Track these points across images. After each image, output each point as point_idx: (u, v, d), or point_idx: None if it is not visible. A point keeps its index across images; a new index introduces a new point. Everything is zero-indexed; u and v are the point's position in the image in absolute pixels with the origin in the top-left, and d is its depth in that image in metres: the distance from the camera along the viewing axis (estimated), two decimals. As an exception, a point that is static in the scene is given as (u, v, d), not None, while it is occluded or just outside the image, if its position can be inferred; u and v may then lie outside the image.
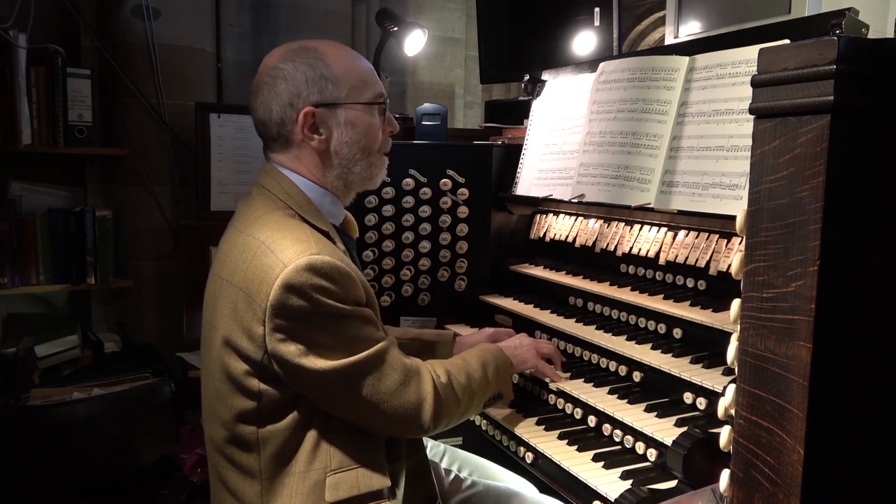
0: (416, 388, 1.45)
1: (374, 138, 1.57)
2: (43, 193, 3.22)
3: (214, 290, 1.47)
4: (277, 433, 1.41)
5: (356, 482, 1.41)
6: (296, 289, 1.32)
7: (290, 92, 1.47)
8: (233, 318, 1.39)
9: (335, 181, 1.55)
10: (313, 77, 1.48)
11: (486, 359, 1.65)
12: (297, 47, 1.51)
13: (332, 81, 1.49)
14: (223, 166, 3.31)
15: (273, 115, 1.49)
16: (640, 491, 1.37)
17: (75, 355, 3.10)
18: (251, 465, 1.43)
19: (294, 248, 1.35)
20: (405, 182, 2.32)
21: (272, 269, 1.33)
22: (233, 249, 1.44)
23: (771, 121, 0.83)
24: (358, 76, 1.53)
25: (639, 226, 1.92)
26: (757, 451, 0.85)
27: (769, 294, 0.83)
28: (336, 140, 1.52)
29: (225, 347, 1.41)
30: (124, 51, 3.30)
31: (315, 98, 1.48)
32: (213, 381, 1.47)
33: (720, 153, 1.64)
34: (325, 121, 1.50)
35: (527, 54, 3.14)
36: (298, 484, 1.40)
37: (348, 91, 1.51)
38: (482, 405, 1.64)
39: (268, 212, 1.46)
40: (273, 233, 1.39)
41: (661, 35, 3.46)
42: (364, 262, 2.32)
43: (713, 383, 1.46)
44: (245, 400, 1.41)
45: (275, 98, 1.48)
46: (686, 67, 1.79)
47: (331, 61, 1.50)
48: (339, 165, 1.54)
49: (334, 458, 1.41)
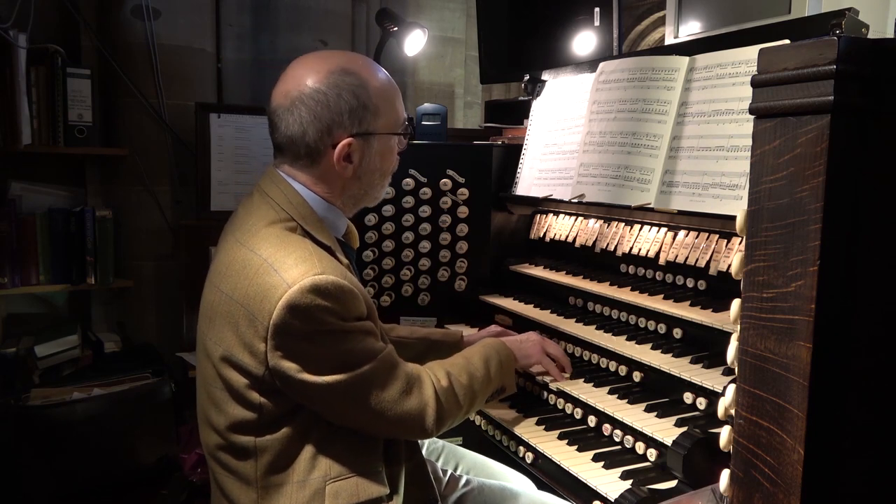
0: (419, 395, 1.46)
1: (393, 161, 1.60)
2: (43, 193, 3.22)
3: (213, 301, 1.45)
4: (275, 442, 1.41)
5: (356, 490, 1.42)
6: (300, 310, 1.31)
7: (333, 120, 1.45)
8: (233, 332, 1.38)
9: (347, 200, 1.56)
10: (356, 107, 1.46)
11: (488, 355, 1.66)
12: (340, 69, 1.46)
13: (373, 112, 1.48)
14: (223, 166, 3.30)
15: (308, 138, 1.46)
16: (640, 491, 1.37)
17: (75, 355, 3.09)
18: (247, 473, 1.43)
19: (298, 269, 1.33)
20: (405, 182, 2.32)
21: (275, 289, 1.32)
22: (233, 263, 1.41)
23: (771, 121, 0.83)
24: (393, 106, 1.54)
25: (639, 226, 1.92)
26: (757, 451, 0.85)
27: (769, 294, 0.83)
28: (364, 167, 1.52)
29: (224, 362, 1.40)
30: (124, 51, 3.29)
31: (355, 129, 1.47)
32: (209, 389, 1.47)
33: (720, 153, 1.64)
34: (360, 149, 1.50)
35: (527, 54, 3.14)
36: (297, 493, 1.40)
37: (384, 122, 1.51)
38: (485, 401, 1.65)
39: (269, 223, 1.44)
40: (276, 250, 1.37)
41: (661, 35, 3.45)
42: (364, 262, 2.32)
43: (713, 383, 1.46)
44: (244, 411, 1.41)
45: (314, 122, 1.45)
46: (686, 67, 1.79)
47: (372, 90, 1.48)
48: (359, 188, 1.55)
49: (334, 467, 1.42)
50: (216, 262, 1.50)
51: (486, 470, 1.88)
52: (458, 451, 1.93)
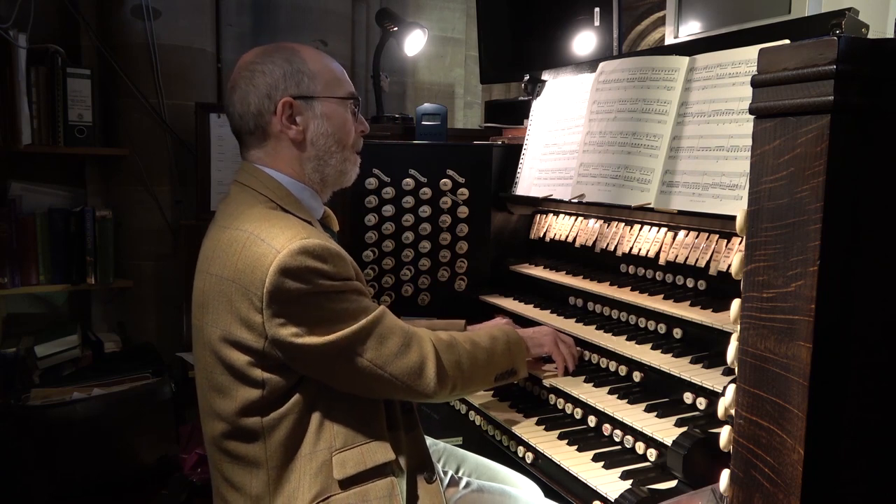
0: (418, 350, 1.48)
1: (348, 133, 1.62)
2: (43, 193, 3.22)
3: (203, 287, 1.48)
4: (282, 420, 1.43)
5: (362, 458, 1.46)
6: (291, 272, 1.35)
7: (268, 84, 1.52)
8: (228, 311, 1.40)
9: (312, 174, 1.59)
10: (290, 71, 1.53)
11: (495, 334, 1.69)
12: (273, 47, 1.57)
13: (309, 76, 1.55)
14: (223, 166, 3.31)
15: (251, 108, 1.53)
16: (640, 491, 1.37)
17: (75, 355, 3.10)
18: (257, 456, 1.45)
19: (284, 234, 1.38)
20: (405, 182, 2.32)
21: (265, 257, 1.35)
22: (219, 244, 1.45)
23: (771, 121, 0.83)
24: (332, 73, 1.60)
25: (639, 226, 1.92)
26: (757, 451, 0.85)
27: (769, 294, 0.83)
28: (312, 131, 1.56)
29: (223, 342, 1.42)
30: (124, 51, 3.30)
31: (293, 90, 1.53)
32: (210, 378, 1.48)
33: (720, 153, 1.64)
34: (302, 112, 1.55)
35: (527, 54, 3.14)
36: (306, 465, 1.44)
37: (324, 86, 1.57)
38: (494, 378, 1.66)
39: (249, 206, 1.49)
40: (260, 223, 1.42)
41: (661, 35, 3.46)
42: (364, 262, 2.32)
43: (713, 383, 1.46)
44: (250, 390, 1.43)
45: (252, 91, 1.52)
46: (686, 67, 1.79)
47: (306, 58, 1.56)
48: (316, 157, 1.58)
49: (338, 438, 1.45)
50: (202, 251, 1.54)
51: (491, 474, 1.87)
52: (459, 453, 1.92)
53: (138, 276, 3.38)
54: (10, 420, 2.51)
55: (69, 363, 3.08)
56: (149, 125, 3.34)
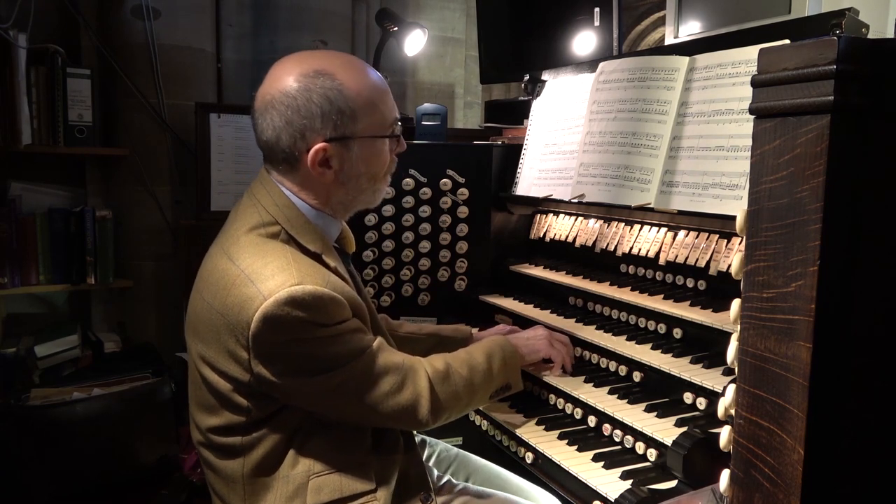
0: (412, 387, 1.45)
1: (383, 164, 1.53)
2: (43, 193, 3.22)
3: (197, 309, 1.44)
4: (262, 440, 1.41)
5: (339, 485, 1.41)
6: (276, 322, 1.30)
7: (304, 125, 1.39)
8: (216, 341, 1.37)
9: (336, 205, 1.51)
10: (329, 111, 1.39)
11: (491, 350, 1.65)
12: (314, 71, 1.40)
13: (349, 115, 1.41)
14: (223, 166, 3.30)
15: (281, 143, 1.42)
16: (640, 491, 1.37)
17: (75, 355, 3.09)
18: (234, 471, 1.43)
19: (275, 280, 1.31)
20: (405, 182, 2.32)
21: (252, 300, 1.30)
22: (215, 272, 1.41)
23: (771, 121, 0.83)
24: (375, 105, 1.46)
25: (639, 226, 1.92)
26: (757, 451, 0.85)
27: (769, 294, 0.83)
28: (346, 173, 1.46)
29: (210, 368, 1.41)
30: (124, 51, 3.30)
31: (329, 133, 1.41)
32: (196, 392, 1.47)
33: (720, 153, 1.64)
34: (337, 154, 1.43)
35: (527, 54, 3.14)
36: (282, 488, 1.41)
37: (365, 125, 1.44)
38: (489, 397, 1.63)
39: (249, 230, 1.42)
40: (254, 260, 1.35)
41: (661, 35, 3.46)
42: (364, 262, 2.32)
43: (713, 383, 1.46)
44: (232, 415, 1.41)
45: (286, 127, 1.40)
46: (686, 67, 1.79)
47: (349, 91, 1.41)
48: (345, 193, 1.49)
49: (317, 463, 1.42)
50: (202, 268, 1.48)
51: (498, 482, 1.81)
52: (461, 456, 1.90)
53: (138, 276, 3.38)
54: (10, 420, 2.51)
55: (69, 363, 3.07)
56: (149, 125, 3.34)
